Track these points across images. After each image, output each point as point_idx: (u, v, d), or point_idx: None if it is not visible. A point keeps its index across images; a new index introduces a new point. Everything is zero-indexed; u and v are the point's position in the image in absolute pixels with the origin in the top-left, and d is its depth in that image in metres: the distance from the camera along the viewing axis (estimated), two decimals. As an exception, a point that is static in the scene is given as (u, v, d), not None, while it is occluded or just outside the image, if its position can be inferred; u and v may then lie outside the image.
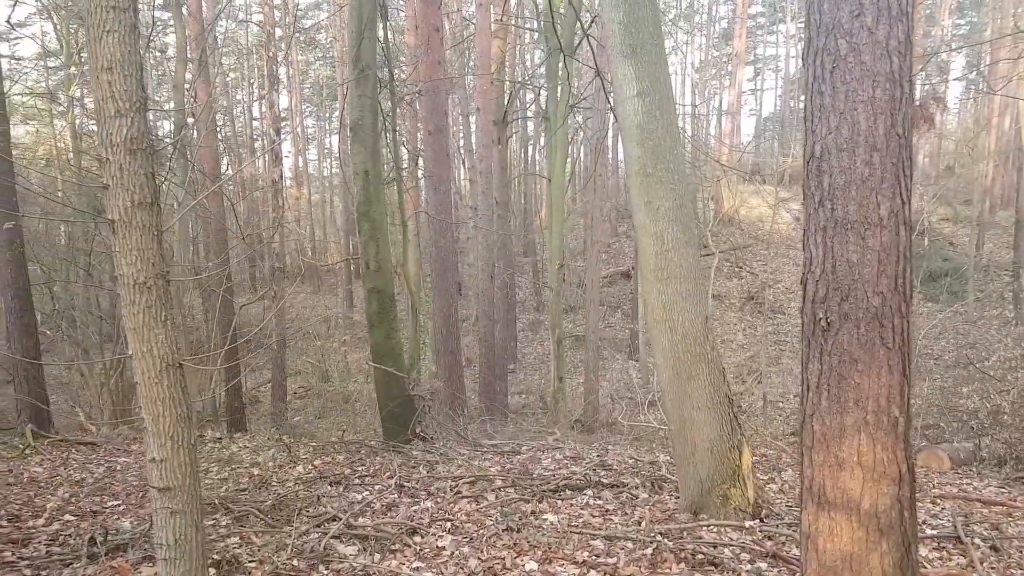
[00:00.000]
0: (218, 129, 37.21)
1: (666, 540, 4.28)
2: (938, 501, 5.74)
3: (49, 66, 26.31)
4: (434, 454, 7.28)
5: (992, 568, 4.22)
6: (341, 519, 4.83)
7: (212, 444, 8.63)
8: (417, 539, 4.62)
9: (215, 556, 4.21)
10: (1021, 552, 4.48)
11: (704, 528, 4.49)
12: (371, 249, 7.34)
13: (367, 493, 5.81)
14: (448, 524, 4.89)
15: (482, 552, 4.34)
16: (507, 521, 4.84)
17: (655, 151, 4.54)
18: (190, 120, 13.09)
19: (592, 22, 10.63)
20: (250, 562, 4.15)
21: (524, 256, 29.11)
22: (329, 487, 6.05)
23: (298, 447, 7.84)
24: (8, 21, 8.86)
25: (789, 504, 5.44)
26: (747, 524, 4.45)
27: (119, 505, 5.53)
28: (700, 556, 4.15)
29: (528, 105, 27.20)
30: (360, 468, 6.72)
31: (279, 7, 34.23)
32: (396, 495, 5.75)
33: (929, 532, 4.71)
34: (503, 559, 4.25)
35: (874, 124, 2.66)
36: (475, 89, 15.42)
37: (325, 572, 4.13)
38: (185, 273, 13.46)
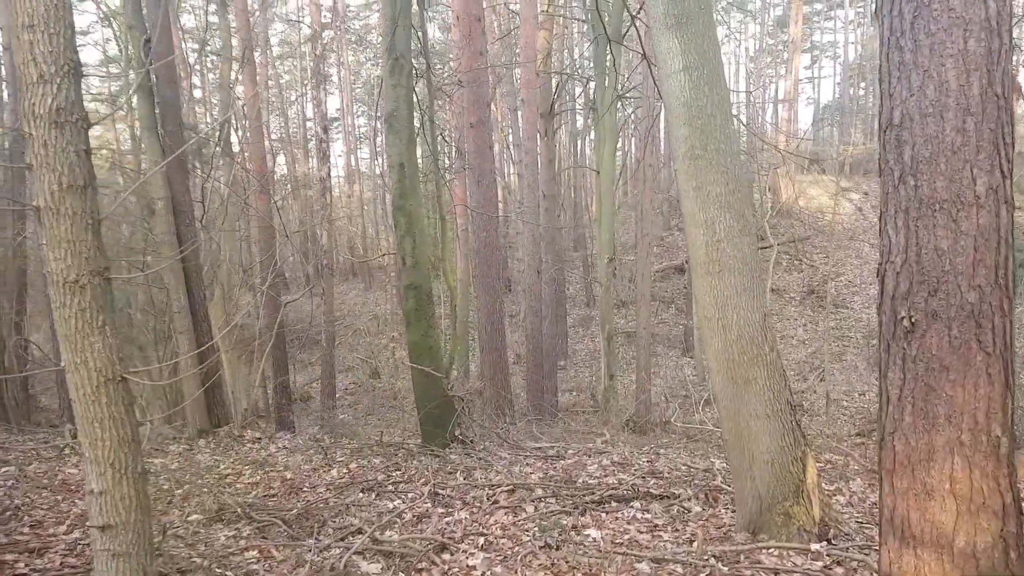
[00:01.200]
0: (271, 130, 37.70)
1: (721, 565, 3.85)
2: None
3: (112, 72, 26.82)
4: (473, 458, 6.94)
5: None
6: (366, 532, 4.51)
7: (251, 445, 8.46)
8: (446, 556, 4.27)
9: (229, 573, 3.95)
10: None
11: (764, 552, 4.03)
12: (407, 244, 7.03)
13: (399, 502, 5.49)
14: (481, 539, 4.53)
15: (516, 574, 3.97)
16: (546, 537, 4.46)
17: (704, 131, 4.10)
18: (235, 119, 13.02)
19: (640, 8, 10.18)
20: (265, 581, 3.87)
21: (574, 251, 28.64)
22: (361, 494, 5.75)
23: (335, 450, 7.59)
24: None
25: (859, 520, 4.94)
26: (813, 547, 3.98)
27: (144, 512, 5.32)
28: (759, 583, 3.71)
29: (577, 97, 26.74)
30: (395, 473, 6.42)
31: (329, 8, 34.42)
32: (429, 504, 5.42)
33: None
34: (538, 583, 3.88)
35: (967, 82, 2.19)
36: (521, 81, 15.05)
37: (344, 593, 3.83)
38: (234, 272, 13.41)
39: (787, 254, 24.32)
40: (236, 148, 13.66)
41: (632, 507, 5.26)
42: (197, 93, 27.81)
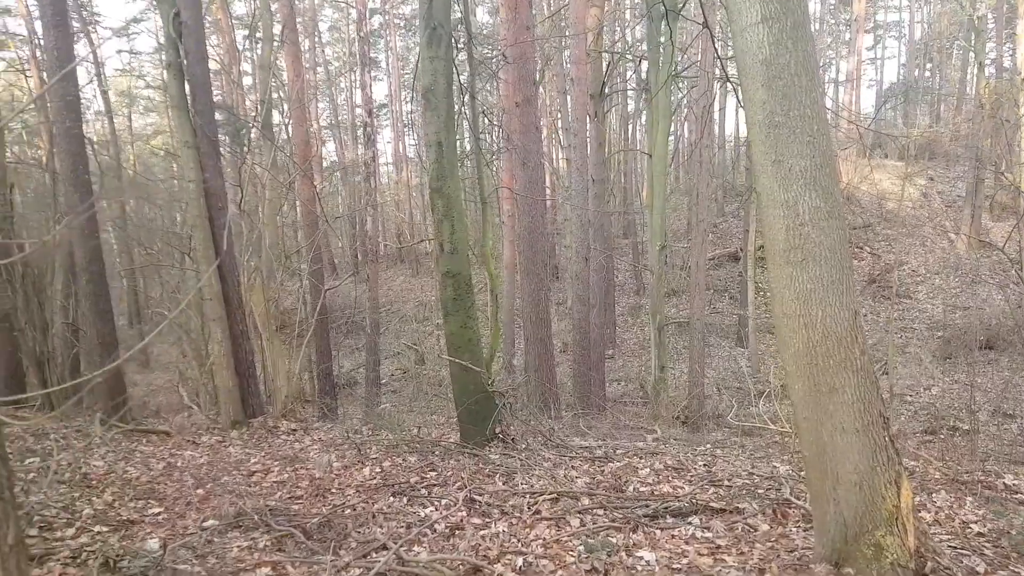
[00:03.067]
0: (320, 116, 37.66)
1: (800, 605, 3.27)
2: None
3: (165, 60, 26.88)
4: (514, 459, 6.42)
5: None
6: (391, 548, 4.03)
7: (285, 437, 8.12)
8: (480, 581, 3.78)
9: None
10: None
11: (851, 590, 3.44)
12: (445, 229, 6.52)
13: (431, 509, 5.01)
14: (520, 560, 4.01)
15: (558, 606, 3.45)
16: (592, 559, 3.94)
17: (786, 93, 3.48)
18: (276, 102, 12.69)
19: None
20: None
21: (624, 237, 27.95)
22: (392, 498, 5.29)
23: (369, 445, 7.17)
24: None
25: (952, 545, 4.30)
26: (909, 586, 3.37)
27: (160, 514, 4.95)
28: (846, 628, 3.13)
29: (628, 79, 25.93)
30: (430, 475, 5.94)
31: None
32: (464, 512, 4.92)
33: None
34: (585, 618, 3.35)
35: None
36: (570, 61, 14.41)
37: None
38: (275, 258, 13.14)
39: (848, 242, 23.29)
40: (279, 132, 13.36)
41: (690, 523, 4.69)
42: (247, 80, 27.79)
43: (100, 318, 8.44)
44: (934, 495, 5.51)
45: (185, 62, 7.73)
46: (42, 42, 8.32)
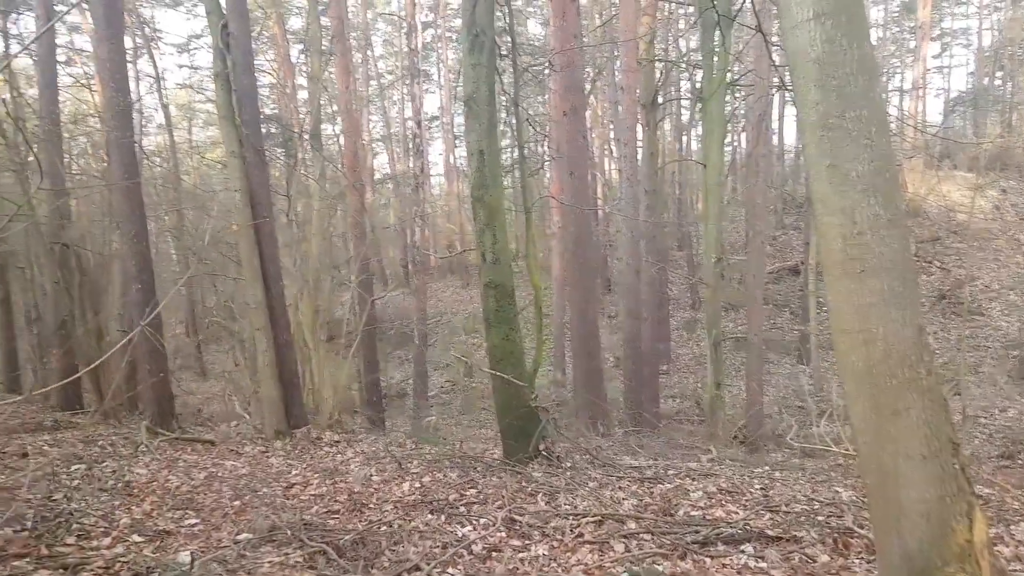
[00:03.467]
0: (372, 129, 38.12)
1: (859, 648, 3.00)
2: None
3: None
4: (558, 477, 6.22)
5: None
6: (424, 569, 3.87)
7: (328, 449, 8.06)
8: (515, 610, 3.58)
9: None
10: None
11: (918, 634, 3.15)
12: (487, 239, 6.38)
13: (469, 528, 4.84)
14: (559, 587, 3.82)
15: (596, 640, 3.24)
16: (635, 588, 3.71)
17: (841, 93, 3.23)
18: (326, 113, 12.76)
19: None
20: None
21: (678, 250, 27.47)
22: (429, 515, 5.14)
23: (411, 459, 7.04)
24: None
25: (1034, 584, 3.95)
26: (983, 631, 3.06)
27: (196, 525, 4.90)
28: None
29: (681, 89, 25.57)
30: (470, 491, 5.78)
31: (430, 7, 34.42)
32: (504, 533, 4.74)
33: None
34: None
35: None
36: (621, 69, 14.20)
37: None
38: (324, 268, 13.20)
39: (915, 256, 22.37)
40: (329, 143, 13.44)
41: (743, 551, 4.42)
42: (302, 95, 28.26)
43: (149, 325, 8.51)
44: (1012, 527, 5.09)
45: (232, 73, 7.78)
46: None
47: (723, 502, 5.60)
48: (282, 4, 21.25)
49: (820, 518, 5.06)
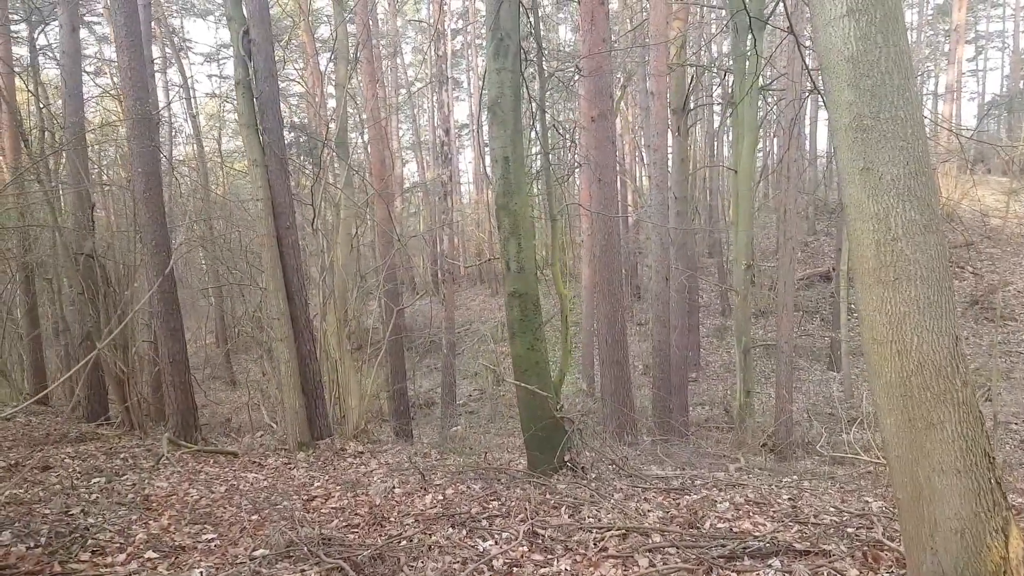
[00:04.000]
0: (402, 137, 38.27)
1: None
2: None
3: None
4: (583, 489, 6.09)
5: None
6: (443, 587, 3.78)
7: (351, 460, 7.99)
8: (534, 628, 3.48)
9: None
10: None
11: (955, 660, 2.99)
12: (512, 247, 6.29)
13: (491, 543, 4.73)
14: (579, 604, 3.70)
15: (617, 661, 3.12)
16: (659, 607, 3.59)
17: (876, 93, 3.10)
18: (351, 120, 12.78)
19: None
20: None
21: (708, 256, 27.19)
22: (451, 529, 5.04)
23: (434, 471, 6.96)
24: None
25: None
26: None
27: (213, 540, 4.83)
28: None
29: (712, 95, 25.33)
30: (492, 504, 5.67)
31: (459, 13, 34.50)
32: (526, 547, 4.63)
33: None
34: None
35: None
36: (651, 73, 14.06)
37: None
38: (349, 278, 13.21)
39: (947, 259, 21.94)
40: (355, 152, 13.44)
41: (770, 566, 4.27)
42: (332, 104, 28.44)
43: (171, 336, 8.53)
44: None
45: (254, 80, 7.79)
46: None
47: (750, 514, 5.45)
48: (310, 13, 21.42)
49: (849, 530, 4.90)
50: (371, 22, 14.13)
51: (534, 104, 6.99)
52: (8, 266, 11.83)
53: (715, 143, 30.07)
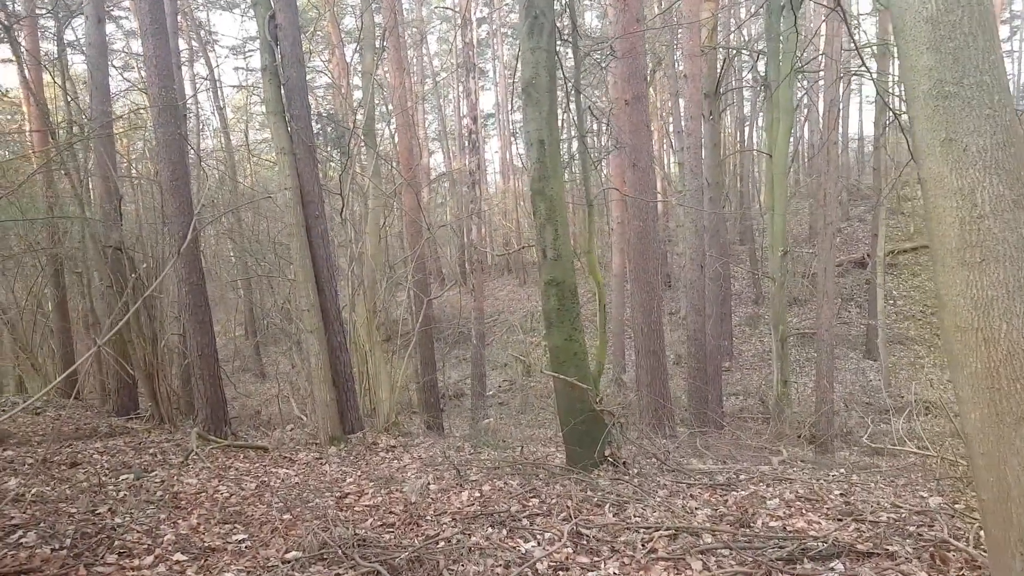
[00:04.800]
0: (428, 126, 38.12)
1: None
2: None
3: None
4: (626, 485, 5.86)
5: None
6: (486, 593, 3.58)
7: (384, 454, 7.82)
8: (585, 638, 3.26)
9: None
10: None
11: None
12: (548, 234, 6.06)
13: (533, 544, 4.52)
14: (633, 612, 3.48)
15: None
16: (718, 615, 3.35)
17: (959, 57, 2.82)
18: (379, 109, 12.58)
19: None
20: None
21: (740, 244, 26.75)
22: (490, 529, 4.84)
23: (469, 466, 6.76)
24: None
25: None
26: None
27: (244, 541, 4.66)
28: None
29: (744, 79, 24.85)
30: (532, 501, 5.46)
31: (485, 2, 34.21)
32: (570, 549, 4.41)
33: None
34: None
35: None
36: (683, 56, 13.71)
37: None
38: (378, 268, 13.07)
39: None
40: (382, 141, 13.26)
41: (833, 569, 4.02)
42: (358, 95, 28.32)
43: (199, 329, 8.40)
44: None
45: (280, 66, 7.61)
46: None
47: (803, 511, 5.19)
48: (336, 3, 21.27)
49: (911, 528, 4.62)
50: (398, 10, 13.94)
51: (568, 84, 6.72)
52: (38, 259, 11.80)
53: (746, 128, 29.57)
